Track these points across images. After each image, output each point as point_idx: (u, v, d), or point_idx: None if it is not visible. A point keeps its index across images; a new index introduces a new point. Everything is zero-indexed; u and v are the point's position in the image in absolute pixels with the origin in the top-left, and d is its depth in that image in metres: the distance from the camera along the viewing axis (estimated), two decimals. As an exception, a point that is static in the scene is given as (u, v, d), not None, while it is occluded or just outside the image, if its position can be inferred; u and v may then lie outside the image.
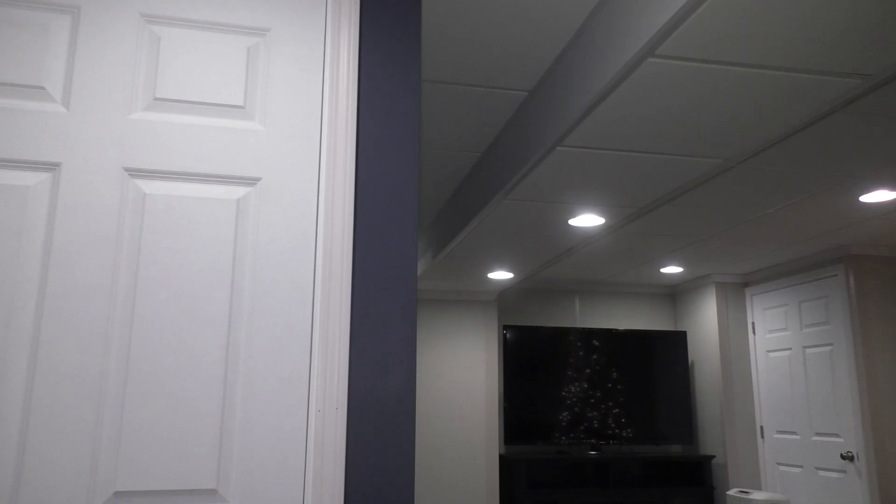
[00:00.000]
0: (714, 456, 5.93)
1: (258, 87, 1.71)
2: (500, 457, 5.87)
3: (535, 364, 6.02)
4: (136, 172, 1.60)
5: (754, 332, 6.04)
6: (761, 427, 5.89)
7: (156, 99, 1.64)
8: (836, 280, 5.15)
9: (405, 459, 1.70)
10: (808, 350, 5.41)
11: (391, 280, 1.78)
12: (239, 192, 1.66)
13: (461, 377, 5.90)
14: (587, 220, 3.84)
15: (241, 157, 1.67)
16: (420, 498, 5.65)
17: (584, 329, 6.19)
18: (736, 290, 6.17)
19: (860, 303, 4.97)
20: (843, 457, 4.96)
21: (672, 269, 5.85)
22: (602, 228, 4.04)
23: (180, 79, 1.66)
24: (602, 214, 3.75)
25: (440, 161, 3.76)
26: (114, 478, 1.46)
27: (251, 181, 1.67)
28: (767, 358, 5.87)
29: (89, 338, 1.50)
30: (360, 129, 1.77)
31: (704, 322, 6.25)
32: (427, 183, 4.13)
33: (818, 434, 5.25)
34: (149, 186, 1.60)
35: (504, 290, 6.09)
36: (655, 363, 6.21)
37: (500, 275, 5.30)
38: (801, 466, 5.41)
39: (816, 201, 3.97)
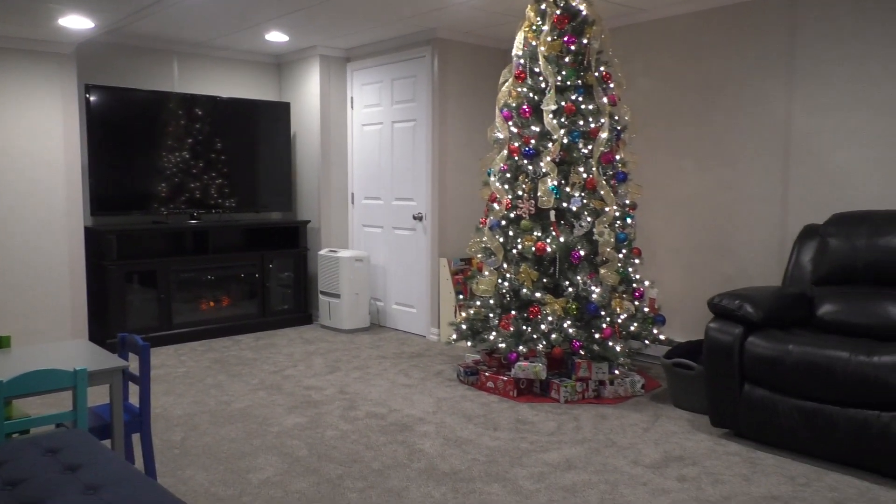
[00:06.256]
0: (310, 221, 6.38)
1: None
2: (87, 229, 5.43)
3: (128, 131, 5.50)
4: None
5: (352, 107, 6.38)
6: (352, 194, 6.46)
7: None
8: (424, 61, 5.62)
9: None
10: (396, 125, 5.95)
11: None
12: None
13: (33, 141, 5.09)
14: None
15: None
16: (-13, 277, 4.99)
17: (184, 95, 5.78)
18: (338, 64, 6.33)
19: (441, 83, 5.55)
20: (414, 217, 5.78)
21: (277, 38, 5.69)
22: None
23: None
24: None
25: None
26: None
27: None
28: (362, 131, 6.31)
29: None
30: None
31: (308, 94, 6.35)
32: None
33: (397, 199, 5.98)
34: None
35: (84, 42, 5.23)
36: (259, 133, 6.20)
37: (76, 21, 4.49)
38: (381, 227, 6.18)
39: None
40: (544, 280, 4.23)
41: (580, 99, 4.20)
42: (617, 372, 4.17)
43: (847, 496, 2.82)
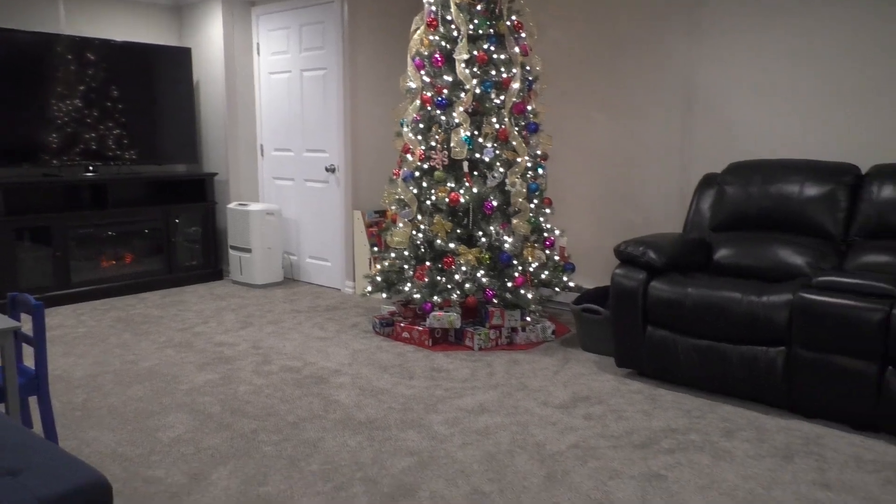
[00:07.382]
0: (217, 173, 6.14)
1: None
2: (-30, 183, 5.03)
3: (9, 75, 5.08)
4: None
5: (259, 54, 6.12)
6: (261, 146, 6.25)
7: None
8: (333, 6, 5.43)
9: None
10: (305, 73, 5.76)
11: None
12: None
13: None
14: None
15: None
16: None
17: (73, 38, 5.37)
18: (243, 8, 6.04)
19: (352, 29, 5.39)
20: (327, 169, 5.67)
21: (175, -23, 5.36)
22: None
23: None
24: None
25: None
26: None
27: None
28: (269, 79, 6.08)
29: None
30: None
31: (210, 39, 6.04)
32: None
33: (308, 150, 5.84)
34: None
35: (-44, -23, 4.76)
36: (159, 81, 5.86)
37: (-54, -46, 4.07)
38: (293, 179, 6.03)
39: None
40: (458, 231, 4.25)
41: (492, 48, 4.18)
42: (529, 319, 4.29)
43: (737, 426, 3.04)
